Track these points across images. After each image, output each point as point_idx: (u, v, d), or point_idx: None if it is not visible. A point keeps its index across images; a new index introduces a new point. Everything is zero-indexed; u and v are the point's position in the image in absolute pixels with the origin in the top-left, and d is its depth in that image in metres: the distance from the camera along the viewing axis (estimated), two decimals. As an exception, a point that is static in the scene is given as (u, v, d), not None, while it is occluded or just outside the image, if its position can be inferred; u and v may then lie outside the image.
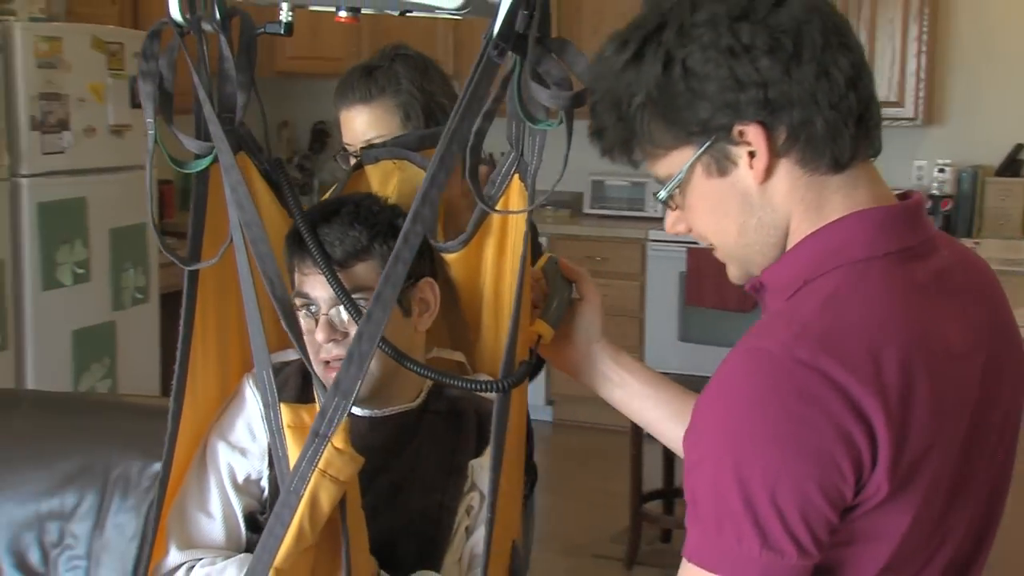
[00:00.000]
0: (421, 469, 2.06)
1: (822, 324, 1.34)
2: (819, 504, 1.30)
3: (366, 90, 2.55)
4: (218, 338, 2.05)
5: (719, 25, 1.36)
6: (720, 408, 1.36)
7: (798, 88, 1.37)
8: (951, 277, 1.48)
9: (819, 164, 1.41)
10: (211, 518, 2.05)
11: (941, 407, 1.37)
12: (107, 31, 5.58)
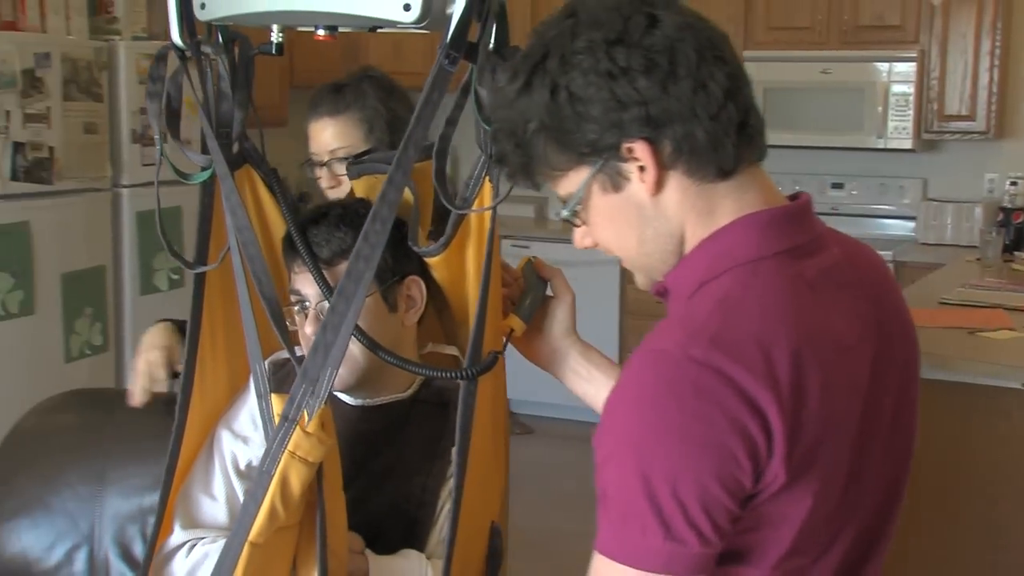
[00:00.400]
0: (409, 455, 2.13)
1: (715, 323, 1.38)
2: (718, 495, 1.34)
3: (334, 105, 2.75)
4: (227, 336, 2.14)
5: (596, 51, 1.40)
6: (622, 407, 1.39)
7: (677, 104, 1.41)
8: (840, 272, 1.52)
9: (706, 173, 1.45)
10: (215, 500, 2.15)
11: (832, 397, 1.41)
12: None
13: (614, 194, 1.48)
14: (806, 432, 1.38)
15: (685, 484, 1.33)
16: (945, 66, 6.37)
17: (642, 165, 1.44)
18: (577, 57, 1.41)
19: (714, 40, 1.44)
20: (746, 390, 1.34)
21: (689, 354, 1.35)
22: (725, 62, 1.44)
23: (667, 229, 1.49)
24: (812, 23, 6.56)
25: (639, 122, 1.42)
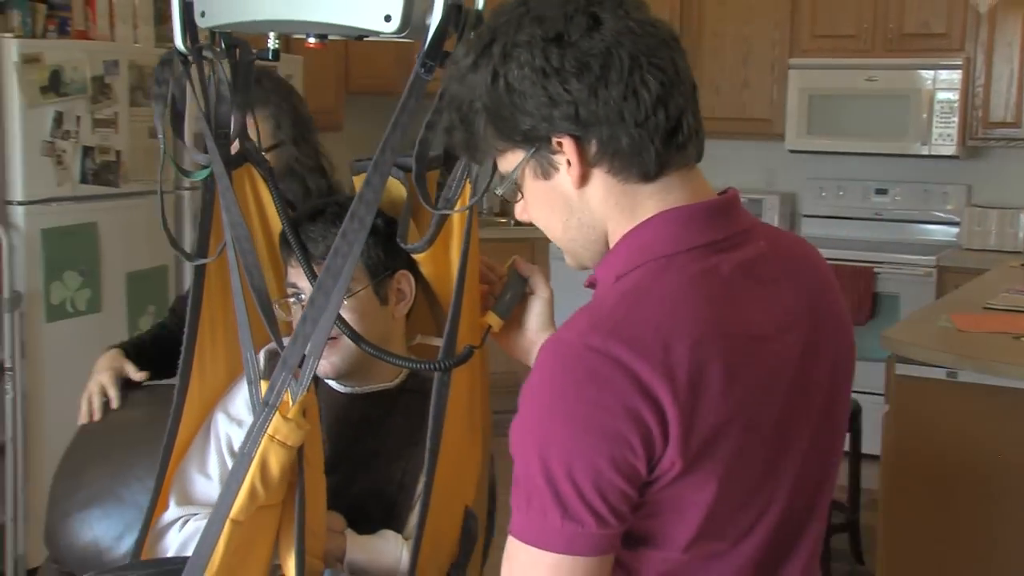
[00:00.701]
0: (392, 442, 2.22)
1: (617, 314, 1.41)
2: (612, 478, 1.37)
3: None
4: (226, 325, 2.19)
5: (534, 47, 1.42)
6: (527, 394, 1.42)
7: (605, 108, 1.43)
8: (764, 265, 1.53)
9: (629, 175, 1.47)
10: (209, 479, 2.23)
11: (740, 387, 1.42)
12: (270, 64, 5.70)
13: (544, 181, 1.51)
14: (704, 421, 1.39)
15: (580, 467, 1.36)
16: (991, 73, 6.32)
17: (568, 160, 1.47)
18: (517, 50, 1.44)
19: (652, 47, 1.44)
20: (641, 379, 1.36)
21: (588, 342, 1.38)
22: (661, 70, 1.44)
23: (590, 220, 1.52)
24: (857, 31, 6.53)
25: (568, 120, 1.44)
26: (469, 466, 2.11)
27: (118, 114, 4.98)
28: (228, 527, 1.87)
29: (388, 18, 1.74)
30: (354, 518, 2.15)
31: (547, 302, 2.03)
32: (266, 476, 1.86)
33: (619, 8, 1.44)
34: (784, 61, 6.69)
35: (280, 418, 1.83)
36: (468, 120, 1.51)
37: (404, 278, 2.22)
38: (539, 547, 1.40)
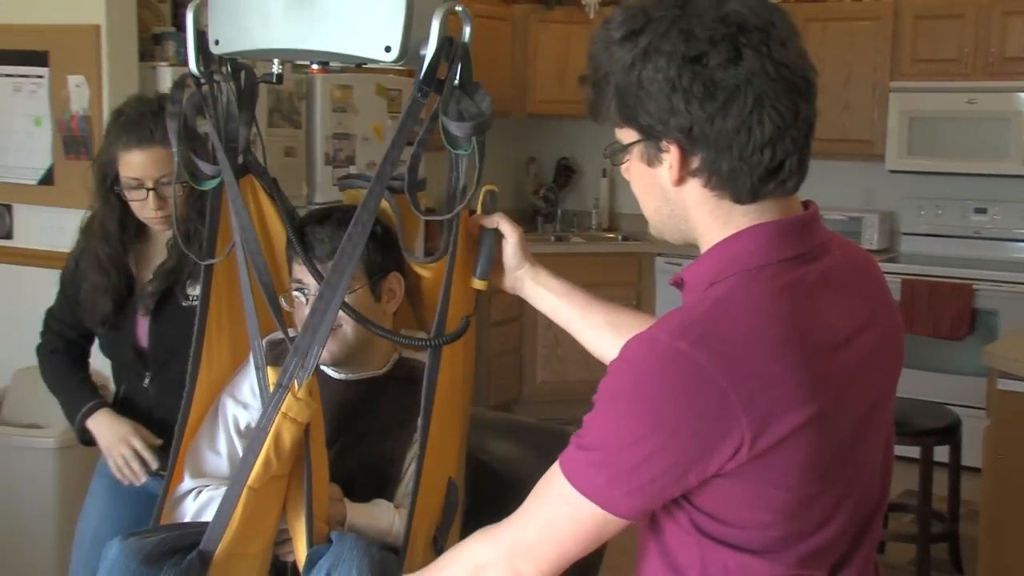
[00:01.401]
0: (382, 421, 2.34)
1: (706, 322, 1.43)
2: (659, 478, 1.43)
3: (154, 135, 2.70)
4: (231, 318, 2.32)
5: (673, 60, 1.43)
6: (615, 374, 1.46)
7: (716, 134, 1.44)
8: (838, 275, 1.55)
9: (722, 194, 1.50)
10: (218, 455, 2.37)
11: (819, 392, 1.43)
12: (388, 79, 5.78)
13: (647, 167, 1.53)
14: (779, 426, 1.41)
15: (641, 452, 1.42)
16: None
17: (671, 161, 1.49)
18: (657, 55, 1.44)
19: (784, 91, 1.45)
20: (716, 385, 1.38)
21: (676, 345, 1.40)
22: (780, 114, 1.44)
23: (682, 214, 1.55)
24: (958, 55, 6.45)
25: (680, 132, 1.46)
26: (452, 441, 2.20)
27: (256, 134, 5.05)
28: (245, 493, 2.01)
29: (388, 48, 1.85)
30: (349, 489, 2.26)
31: (516, 242, 2.12)
32: (279, 448, 1.99)
33: (764, 44, 1.43)
34: (885, 84, 6.63)
35: (291, 397, 1.97)
36: (600, 85, 1.53)
37: (396, 279, 2.36)
38: (573, 484, 1.47)
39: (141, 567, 2.06)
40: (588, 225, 7.82)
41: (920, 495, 4.75)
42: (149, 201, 2.75)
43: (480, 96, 1.94)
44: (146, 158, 2.73)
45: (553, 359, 7.01)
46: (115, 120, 2.83)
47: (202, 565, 2.06)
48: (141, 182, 2.75)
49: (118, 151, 2.76)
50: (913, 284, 6.34)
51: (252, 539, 2.10)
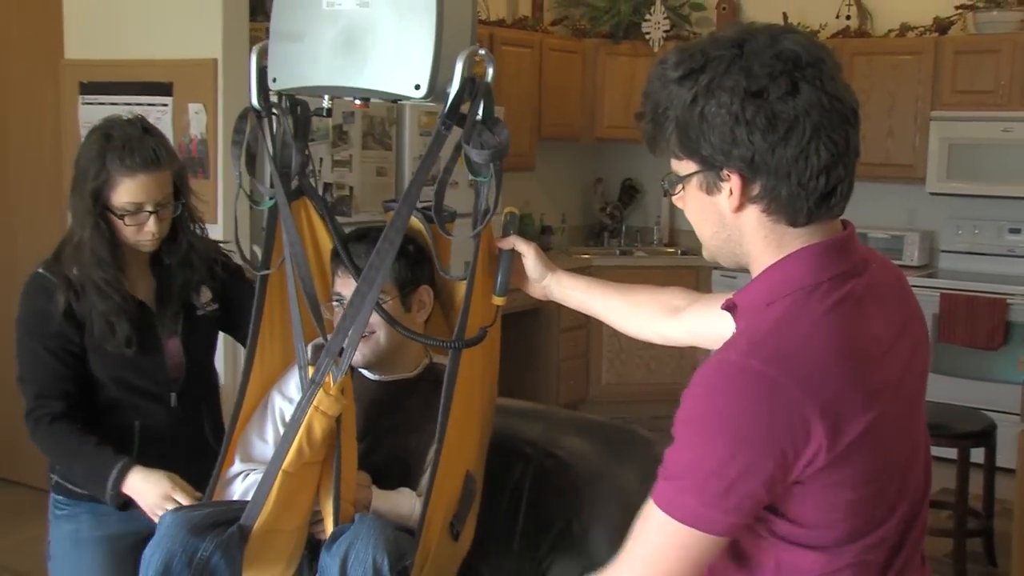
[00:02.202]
0: (409, 418, 2.38)
1: (773, 340, 1.42)
2: (752, 485, 1.41)
3: (153, 161, 2.53)
4: (283, 322, 2.33)
5: (735, 95, 1.42)
6: (692, 401, 1.44)
7: (777, 163, 1.44)
8: (878, 287, 1.54)
9: (779, 218, 1.49)
10: (266, 443, 2.38)
11: (874, 397, 1.43)
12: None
13: (706, 195, 1.52)
14: (846, 429, 1.41)
15: (728, 471, 1.40)
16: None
17: (732, 189, 1.48)
18: (720, 91, 1.43)
19: (837, 122, 1.45)
20: (793, 398, 1.38)
21: (749, 363, 1.40)
22: (835, 143, 1.44)
23: (738, 239, 1.54)
24: (995, 87, 6.40)
25: (742, 161, 1.45)
26: (470, 438, 2.23)
27: (352, 156, 5.13)
28: (280, 477, 2.07)
29: (417, 87, 1.91)
30: (378, 477, 2.31)
31: (533, 257, 2.17)
32: (311, 438, 2.05)
33: (817, 79, 1.43)
34: (926, 113, 6.59)
35: (323, 393, 2.03)
36: (659, 121, 1.52)
37: (425, 291, 2.40)
38: (670, 515, 1.45)
39: (188, 536, 2.11)
40: (650, 240, 7.80)
41: (957, 493, 4.74)
42: (150, 224, 2.56)
43: (499, 129, 2.00)
44: (151, 181, 2.53)
45: (617, 362, 6.99)
46: (105, 142, 2.54)
47: (241, 538, 2.12)
48: (141, 206, 2.54)
49: (118, 176, 2.51)
50: (952, 298, 6.30)
51: (287, 517, 2.15)
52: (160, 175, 2.55)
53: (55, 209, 5.30)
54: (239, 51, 4.69)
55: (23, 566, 4.69)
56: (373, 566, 2.04)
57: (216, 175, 4.69)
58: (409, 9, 1.91)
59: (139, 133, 2.56)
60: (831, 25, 6.94)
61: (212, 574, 2.10)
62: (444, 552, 2.19)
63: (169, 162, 2.59)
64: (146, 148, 2.52)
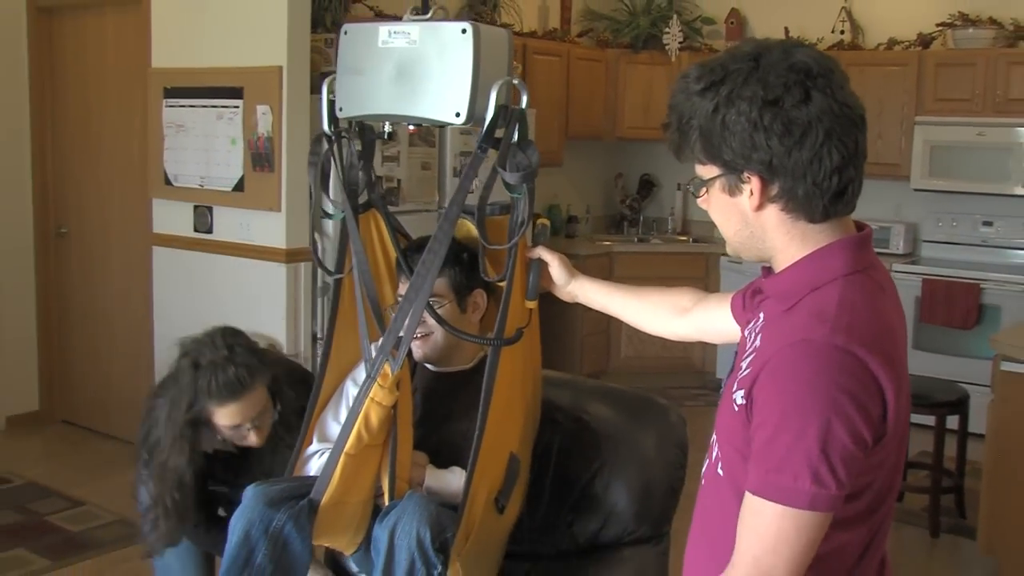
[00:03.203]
0: (461, 407, 2.37)
1: (846, 316, 1.39)
2: (853, 450, 1.35)
3: (238, 390, 2.45)
4: (354, 322, 2.30)
5: (754, 103, 1.40)
6: (781, 384, 1.38)
7: (794, 165, 1.41)
8: (887, 281, 1.53)
9: (798, 216, 1.46)
10: (339, 425, 2.35)
11: (902, 372, 1.43)
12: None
13: (728, 196, 1.49)
14: (900, 400, 1.40)
15: (833, 443, 1.34)
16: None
17: (752, 191, 1.46)
18: (740, 100, 1.41)
19: (847, 126, 1.42)
20: (872, 369, 1.36)
21: (834, 343, 1.36)
22: (845, 146, 1.42)
23: (760, 236, 1.51)
24: (971, 96, 6.36)
25: (761, 164, 1.42)
26: (513, 424, 2.22)
27: (400, 152, 5.12)
28: (343, 459, 2.10)
29: (458, 114, 1.93)
30: (433, 458, 2.35)
31: (559, 265, 2.16)
32: (368, 425, 2.07)
33: (828, 88, 1.41)
34: (911, 118, 6.54)
35: (378, 386, 2.05)
36: (684, 130, 1.49)
37: (479, 295, 2.42)
38: (788, 504, 1.36)
39: (265, 508, 2.15)
40: (665, 229, 7.76)
41: (934, 456, 4.72)
42: (251, 437, 2.52)
43: (531, 151, 1.99)
44: (243, 406, 2.46)
45: (635, 338, 6.96)
46: (194, 371, 2.45)
47: (311, 510, 2.14)
48: (240, 425, 2.49)
49: (212, 407, 2.45)
50: (932, 283, 6.26)
51: (351, 492, 2.16)
52: (251, 397, 2.47)
53: (140, 194, 5.38)
54: (301, 59, 4.72)
55: (115, 507, 4.75)
56: (417, 538, 2.07)
57: (281, 168, 4.71)
58: (450, 47, 1.93)
59: (224, 359, 2.45)
60: (827, 39, 6.90)
61: (285, 541, 2.13)
62: (489, 523, 2.19)
63: (259, 380, 2.49)
64: (231, 376, 2.43)
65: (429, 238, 2.31)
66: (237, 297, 4.92)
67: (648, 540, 2.45)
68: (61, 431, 5.89)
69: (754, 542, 1.40)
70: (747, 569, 1.40)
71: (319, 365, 2.40)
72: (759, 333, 1.50)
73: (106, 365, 5.79)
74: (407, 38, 1.98)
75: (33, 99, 5.78)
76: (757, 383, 1.41)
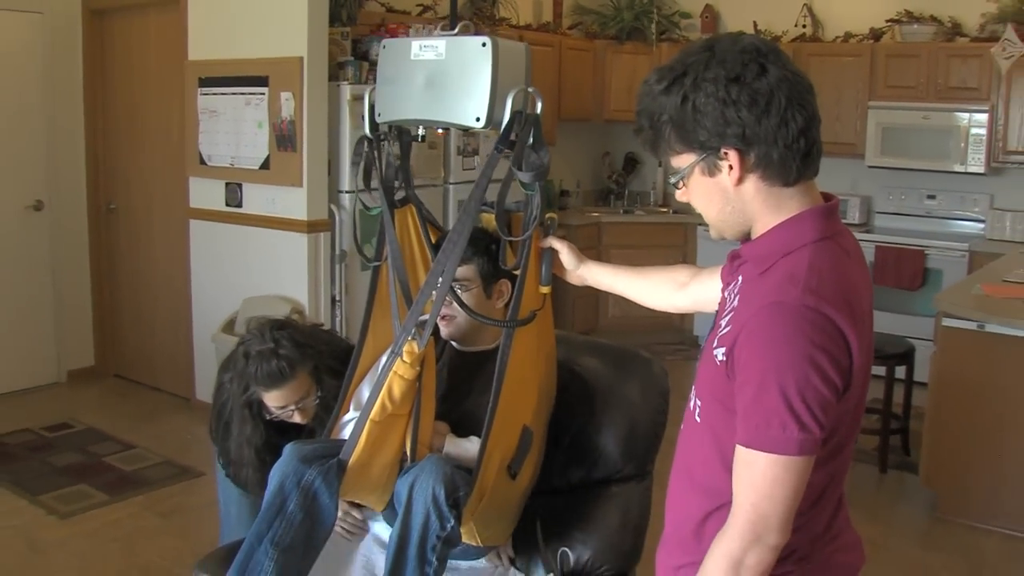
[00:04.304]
0: (481, 383, 2.30)
1: (814, 282, 1.36)
2: (830, 397, 1.34)
3: (280, 377, 2.44)
4: (389, 304, 2.28)
5: (719, 83, 1.38)
6: (761, 343, 1.36)
7: (764, 132, 1.38)
8: (854, 249, 1.49)
9: (774, 181, 1.43)
10: None
11: (865, 329, 1.40)
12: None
13: (708, 177, 1.45)
14: (863, 353, 1.38)
15: (810, 392, 1.32)
16: (1008, 116, 6.05)
17: (731, 165, 1.42)
18: (705, 83, 1.38)
19: (802, 92, 1.40)
20: (841, 327, 1.34)
21: (804, 303, 1.33)
22: (805, 108, 1.40)
23: (741, 209, 1.46)
24: (917, 84, 6.30)
25: (736, 137, 1.39)
26: (527, 398, 2.17)
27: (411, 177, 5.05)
28: (368, 425, 2.06)
29: (478, 119, 1.91)
30: (454, 428, 2.30)
31: (568, 251, 2.10)
32: (391, 396, 2.03)
33: (778, 61, 1.40)
34: (865, 103, 6.48)
35: (400, 361, 2.01)
36: (656, 127, 1.45)
37: (504, 284, 2.37)
38: (778, 453, 1.34)
39: (299, 463, 2.13)
40: (648, 202, 7.70)
41: (884, 402, 4.71)
42: (295, 417, 2.50)
43: (544, 153, 1.95)
44: (286, 392, 2.46)
45: (622, 300, 6.84)
46: (244, 360, 2.48)
47: (340, 469, 2.11)
48: (285, 407, 2.49)
49: (261, 391, 2.47)
50: (884, 250, 6.22)
51: (376, 455, 2.13)
52: (292, 384, 2.45)
53: (179, 173, 5.36)
54: (320, 51, 4.68)
55: (164, 451, 4.77)
56: (432, 494, 2.05)
57: (302, 148, 4.67)
58: (471, 59, 1.91)
59: (270, 351, 2.44)
60: (791, 32, 6.84)
61: (315, 494, 2.11)
62: (503, 488, 2.16)
63: (300, 369, 2.46)
64: (273, 368, 2.42)
65: None
66: (264, 264, 4.90)
67: (633, 478, 2.43)
68: (114, 384, 5.90)
69: (751, 491, 1.38)
70: (746, 516, 1.38)
71: (357, 343, 2.34)
72: (737, 294, 1.46)
73: (150, 325, 5.78)
74: (435, 51, 1.97)
75: (86, 91, 5.76)
76: (737, 344, 1.39)
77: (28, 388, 5.64)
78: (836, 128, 6.54)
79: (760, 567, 1.39)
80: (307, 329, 2.63)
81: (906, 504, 4.42)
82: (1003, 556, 3.90)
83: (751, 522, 1.37)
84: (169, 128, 5.45)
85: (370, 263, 2.27)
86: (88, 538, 3.87)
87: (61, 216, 5.72)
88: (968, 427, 4.13)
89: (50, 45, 5.55)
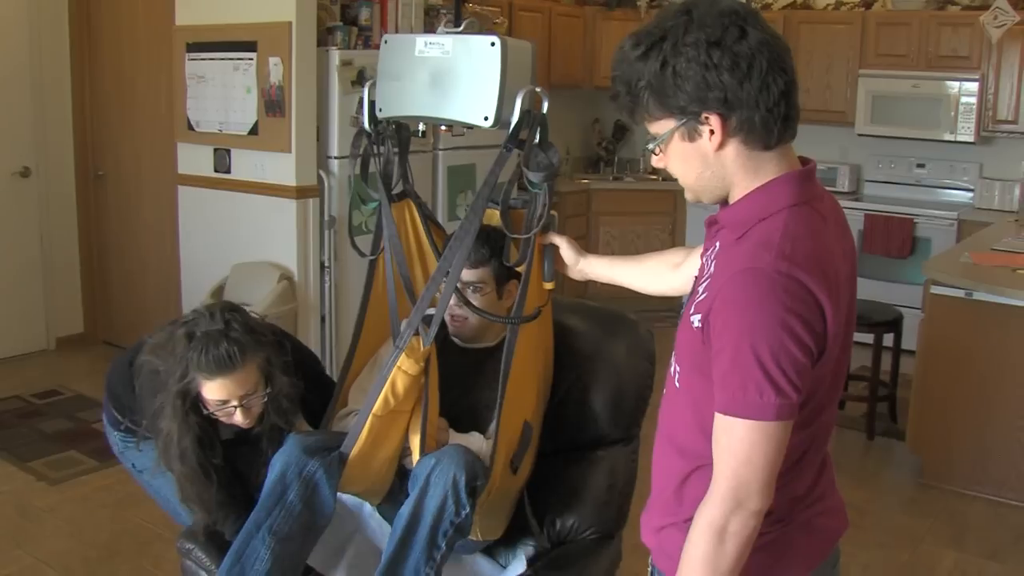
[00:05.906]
0: (485, 380, 2.30)
1: (788, 244, 1.34)
2: (805, 362, 1.33)
3: (229, 365, 2.13)
4: (386, 299, 2.26)
5: (699, 47, 1.35)
6: (735, 310, 1.34)
7: (746, 95, 1.36)
8: (833, 214, 1.47)
9: (755, 145, 1.40)
10: None
11: (841, 294, 1.39)
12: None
13: (688, 143, 1.42)
14: (838, 317, 1.37)
15: (785, 357, 1.31)
16: (999, 85, 6.05)
17: (712, 130, 1.39)
18: (685, 47, 1.35)
19: (781, 55, 1.38)
20: (814, 292, 1.32)
21: (778, 269, 1.32)
22: (785, 72, 1.38)
23: (720, 174, 1.43)
24: (908, 52, 6.28)
25: (718, 102, 1.36)
26: (528, 394, 2.18)
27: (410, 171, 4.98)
28: (370, 419, 2.06)
29: (486, 118, 1.89)
30: (456, 423, 2.27)
31: (568, 247, 2.08)
32: (394, 390, 2.03)
33: (757, 24, 1.37)
34: (855, 71, 6.46)
35: (404, 356, 2.00)
36: (634, 93, 1.42)
37: (513, 284, 2.32)
38: (756, 418, 1.33)
39: (301, 454, 2.12)
40: (637, 169, 7.67)
41: (872, 369, 4.73)
42: (236, 416, 2.18)
43: (552, 152, 1.93)
44: (231, 382, 2.14)
45: (609, 267, 6.92)
46: (187, 342, 2.14)
47: (341, 461, 2.11)
48: (227, 401, 2.17)
49: (200, 379, 2.13)
50: (873, 218, 6.22)
51: (378, 448, 2.12)
52: (239, 375, 2.13)
53: (167, 139, 5.30)
54: (308, 15, 4.62)
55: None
56: (453, 479, 2.04)
57: (291, 114, 4.62)
58: (480, 57, 1.89)
59: (218, 332, 2.13)
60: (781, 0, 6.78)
61: (316, 485, 2.10)
62: (505, 482, 2.17)
63: (251, 358, 2.15)
64: (222, 352, 2.10)
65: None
66: (252, 230, 4.86)
67: (620, 441, 2.43)
68: (103, 350, 5.86)
69: (730, 457, 1.37)
70: (728, 483, 1.37)
71: (352, 336, 2.33)
72: (714, 260, 1.44)
73: (140, 292, 5.75)
74: (441, 48, 1.94)
75: (73, 57, 5.69)
76: (712, 310, 1.37)
77: (17, 355, 5.62)
78: (826, 96, 6.51)
79: (744, 532, 1.38)
80: (264, 323, 2.32)
81: (892, 470, 4.44)
82: (987, 521, 3.93)
83: (732, 488, 1.37)
84: (157, 94, 5.39)
85: (366, 256, 2.26)
86: (78, 504, 3.87)
87: (49, 183, 5.67)
88: (955, 394, 4.15)
89: (37, 10, 5.48)
